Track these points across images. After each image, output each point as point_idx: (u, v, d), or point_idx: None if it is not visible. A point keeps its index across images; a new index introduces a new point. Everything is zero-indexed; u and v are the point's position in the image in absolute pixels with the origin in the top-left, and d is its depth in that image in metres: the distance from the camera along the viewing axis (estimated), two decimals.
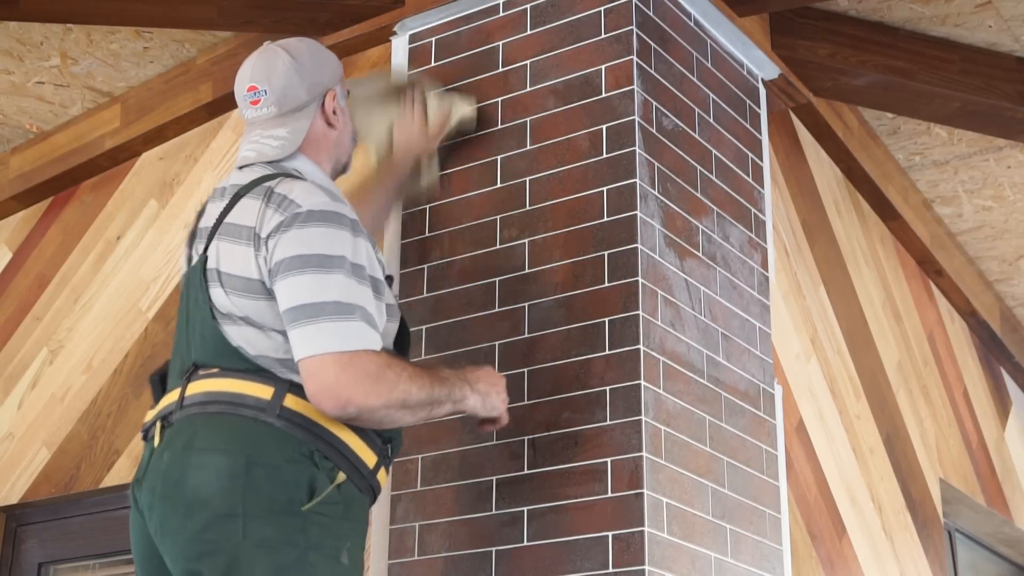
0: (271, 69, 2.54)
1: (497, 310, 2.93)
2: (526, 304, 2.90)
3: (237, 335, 2.37)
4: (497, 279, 2.96)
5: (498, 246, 2.98)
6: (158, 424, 2.41)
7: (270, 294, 2.35)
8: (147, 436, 2.47)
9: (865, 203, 4.20)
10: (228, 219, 2.43)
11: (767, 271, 3.30)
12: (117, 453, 3.64)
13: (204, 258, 2.43)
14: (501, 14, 3.17)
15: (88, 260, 3.91)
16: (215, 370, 2.38)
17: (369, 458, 2.40)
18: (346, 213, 2.38)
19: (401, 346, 2.54)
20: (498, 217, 3.01)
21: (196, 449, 2.31)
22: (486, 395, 2.53)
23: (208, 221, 2.50)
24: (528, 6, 3.13)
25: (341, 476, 2.33)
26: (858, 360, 3.93)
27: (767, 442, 3.12)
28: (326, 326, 2.27)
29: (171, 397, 2.43)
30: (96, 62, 3.76)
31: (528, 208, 2.97)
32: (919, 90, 3.65)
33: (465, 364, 2.67)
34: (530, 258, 2.93)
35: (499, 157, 3.05)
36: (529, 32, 3.10)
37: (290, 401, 2.33)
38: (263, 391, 2.33)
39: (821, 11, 3.58)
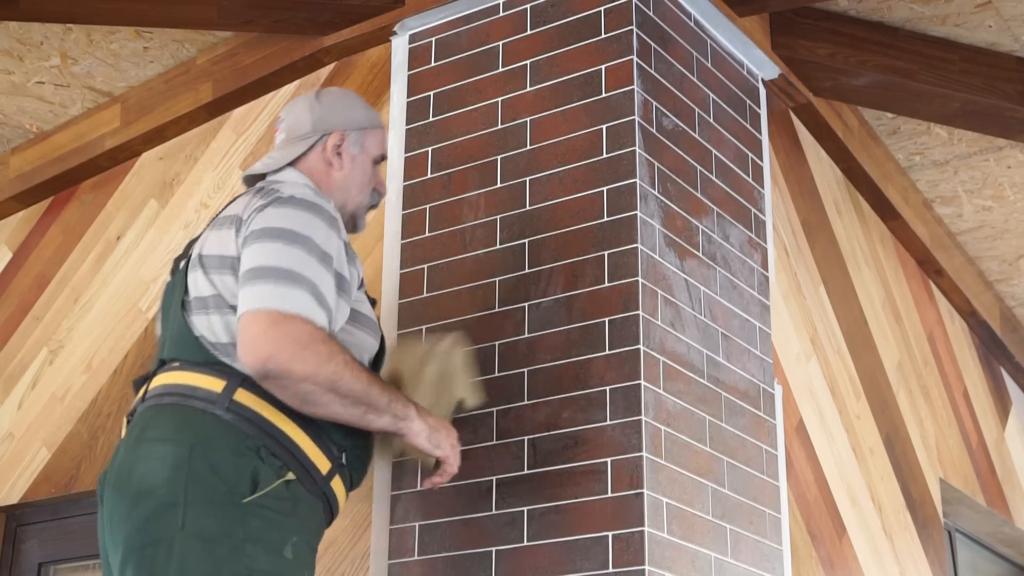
0: (294, 104, 2.71)
1: (497, 310, 2.92)
2: (526, 304, 2.90)
3: (201, 324, 2.40)
4: (497, 279, 2.95)
5: (498, 246, 2.98)
6: (124, 420, 2.48)
7: None
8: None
9: (865, 203, 4.20)
10: (220, 214, 2.51)
11: (767, 271, 3.30)
12: None
13: (189, 256, 2.49)
14: (501, 14, 3.17)
15: (88, 260, 3.91)
16: (176, 364, 2.42)
17: (322, 463, 2.39)
18: (327, 208, 2.43)
19: (377, 367, 2.53)
20: (498, 217, 3.01)
21: (146, 440, 2.35)
22: (435, 429, 2.49)
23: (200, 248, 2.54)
24: (528, 6, 3.13)
25: (290, 475, 2.33)
26: (858, 360, 3.93)
27: (767, 442, 3.12)
28: (270, 287, 2.29)
29: (140, 394, 2.48)
30: (96, 62, 3.76)
31: (528, 208, 2.97)
32: (919, 90, 3.65)
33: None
34: (530, 258, 2.93)
35: (499, 157, 3.05)
36: (529, 32, 3.10)
37: (241, 395, 2.34)
38: (215, 384, 2.35)
39: (821, 11, 3.58)
